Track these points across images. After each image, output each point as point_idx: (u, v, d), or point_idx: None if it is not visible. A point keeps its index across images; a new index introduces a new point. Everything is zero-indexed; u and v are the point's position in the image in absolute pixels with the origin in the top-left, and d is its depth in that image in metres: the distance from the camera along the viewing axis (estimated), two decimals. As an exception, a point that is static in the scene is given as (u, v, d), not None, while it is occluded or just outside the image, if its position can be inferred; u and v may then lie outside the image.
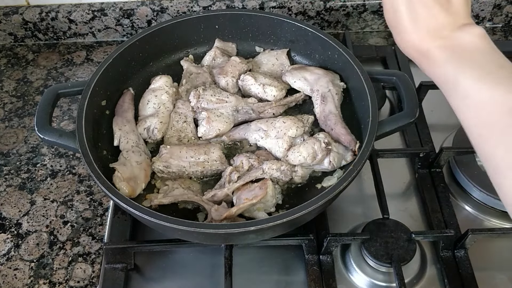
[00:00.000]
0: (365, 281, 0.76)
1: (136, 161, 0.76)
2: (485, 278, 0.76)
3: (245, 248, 0.79)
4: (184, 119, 0.84)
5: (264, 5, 1.11)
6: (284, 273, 0.78)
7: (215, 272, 0.77)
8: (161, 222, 0.63)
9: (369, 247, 0.74)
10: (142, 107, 0.85)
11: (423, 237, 0.77)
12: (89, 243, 0.83)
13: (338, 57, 0.85)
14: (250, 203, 0.69)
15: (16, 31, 1.15)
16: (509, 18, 1.16)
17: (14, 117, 1.03)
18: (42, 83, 1.09)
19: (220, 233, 0.63)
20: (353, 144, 0.75)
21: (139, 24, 1.14)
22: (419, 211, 0.85)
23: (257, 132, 0.80)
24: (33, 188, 0.90)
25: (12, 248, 0.82)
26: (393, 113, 0.99)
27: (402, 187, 0.89)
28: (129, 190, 0.71)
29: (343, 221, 0.83)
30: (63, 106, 1.04)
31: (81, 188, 0.90)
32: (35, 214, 0.87)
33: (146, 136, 0.82)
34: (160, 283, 0.77)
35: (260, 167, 0.75)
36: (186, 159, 0.76)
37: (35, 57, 1.15)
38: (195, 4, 1.11)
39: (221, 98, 0.84)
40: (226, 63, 0.90)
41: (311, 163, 0.75)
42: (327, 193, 0.66)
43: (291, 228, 0.73)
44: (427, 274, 0.77)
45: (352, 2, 1.11)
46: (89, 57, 1.14)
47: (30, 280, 0.78)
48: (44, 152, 0.96)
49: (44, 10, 1.12)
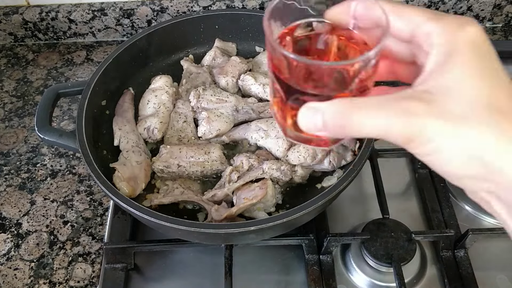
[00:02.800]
0: (365, 281, 0.76)
1: (136, 161, 0.76)
2: (485, 278, 0.76)
3: (245, 248, 0.79)
4: (184, 119, 0.84)
5: (264, 5, 1.11)
6: (284, 273, 0.78)
7: (215, 272, 0.77)
8: (161, 222, 0.63)
9: (369, 247, 0.74)
10: (142, 107, 0.85)
11: (423, 237, 0.77)
12: (89, 243, 0.83)
13: (338, 57, 0.85)
14: (250, 203, 0.69)
15: (16, 31, 1.15)
16: (509, 18, 1.16)
17: (14, 117, 1.03)
18: (42, 83, 1.09)
19: (220, 233, 0.63)
20: (353, 144, 0.75)
21: (139, 24, 1.14)
22: (419, 211, 0.85)
23: (257, 132, 0.80)
24: (33, 188, 0.90)
25: (12, 248, 0.82)
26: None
27: (402, 187, 0.89)
28: (129, 190, 0.71)
29: (343, 221, 0.83)
30: (63, 106, 1.04)
31: (81, 188, 0.90)
32: (35, 214, 0.87)
33: (146, 136, 0.82)
34: (160, 283, 0.77)
35: (260, 167, 0.75)
36: (186, 159, 0.76)
37: (35, 57, 1.15)
38: (195, 4, 1.11)
39: (221, 98, 0.84)
40: (226, 63, 0.90)
41: (311, 163, 0.75)
42: (327, 193, 0.66)
43: (291, 228, 0.73)
44: (427, 274, 0.77)
45: (352, 2, 1.11)
46: (89, 57, 1.14)
47: (30, 280, 0.78)
48: (44, 152, 0.96)
49: (44, 10, 1.12)
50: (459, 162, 0.34)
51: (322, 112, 0.36)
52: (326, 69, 0.38)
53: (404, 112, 0.33)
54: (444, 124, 0.33)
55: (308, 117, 0.37)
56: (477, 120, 0.33)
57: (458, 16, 0.36)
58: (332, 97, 0.36)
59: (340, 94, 0.37)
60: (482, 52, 0.34)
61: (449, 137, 0.33)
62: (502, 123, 0.33)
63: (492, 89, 0.34)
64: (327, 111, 0.35)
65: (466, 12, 1.13)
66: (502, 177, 0.33)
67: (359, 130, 0.35)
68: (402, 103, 0.34)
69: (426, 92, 0.34)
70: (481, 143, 0.33)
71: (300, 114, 0.37)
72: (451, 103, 0.33)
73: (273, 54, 0.39)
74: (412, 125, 0.33)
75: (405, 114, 0.33)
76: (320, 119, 0.36)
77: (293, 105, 0.40)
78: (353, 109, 0.35)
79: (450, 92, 0.34)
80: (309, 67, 0.37)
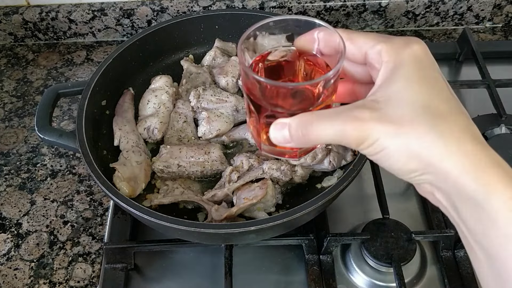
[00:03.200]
0: (365, 281, 0.76)
1: (136, 161, 0.76)
2: (485, 278, 0.76)
3: (245, 248, 0.79)
4: (184, 119, 0.84)
5: (264, 5, 1.11)
6: (284, 273, 0.78)
7: (215, 272, 0.77)
8: (161, 222, 0.63)
9: (369, 247, 0.74)
10: (142, 107, 0.85)
11: (423, 237, 0.77)
12: (89, 243, 0.83)
13: (338, 57, 0.85)
14: (250, 203, 0.69)
15: (16, 31, 1.15)
16: (509, 18, 1.16)
17: (14, 117, 1.03)
18: (42, 83, 1.09)
19: (220, 233, 0.63)
20: (353, 144, 0.75)
21: (139, 24, 1.14)
22: (419, 211, 0.85)
23: (257, 132, 0.80)
24: (33, 188, 0.90)
25: (12, 248, 0.82)
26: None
27: (402, 187, 0.89)
28: (129, 190, 0.71)
29: (343, 221, 0.83)
30: (63, 106, 1.04)
31: (81, 188, 0.90)
32: (35, 214, 0.87)
33: (146, 136, 0.82)
34: (160, 283, 0.77)
35: (260, 167, 0.75)
36: (186, 159, 0.76)
37: (35, 57, 1.15)
38: (195, 4, 1.11)
39: (221, 98, 0.84)
40: (226, 63, 0.90)
41: (311, 163, 0.75)
42: (327, 193, 0.66)
43: (291, 228, 0.73)
44: (427, 274, 0.77)
45: (352, 2, 1.11)
46: (89, 57, 1.14)
47: (30, 280, 0.78)
48: (44, 152, 0.96)
49: (44, 10, 1.12)
50: (402, 159, 0.38)
51: (289, 125, 0.41)
52: (293, 90, 0.43)
53: (355, 119, 0.38)
54: (387, 126, 0.38)
55: (277, 131, 0.42)
56: (415, 121, 0.37)
57: (406, 37, 0.41)
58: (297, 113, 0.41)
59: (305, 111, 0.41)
60: (423, 64, 0.40)
61: (392, 137, 0.38)
62: (437, 123, 0.37)
63: (430, 94, 0.39)
64: (292, 124, 0.40)
65: (466, 12, 1.13)
66: (438, 169, 0.37)
67: (318, 137, 0.40)
68: (354, 111, 0.39)
69: (373, 101, 0.39)
70: (419, 141, 0.37)
71: (271, 129, 0.42)
72: (394, 108, 0.38)
73: (246, 79, 0.43)
74: (361, 129, 0.38)
75: (355, 120, 0.38)
76: (287, 131, 0.41)
77: (266, 122, 0.44)
78: (313, 119, 0.40)
79: (393, 99, 0.39)
80: (278, 89, 0.42)
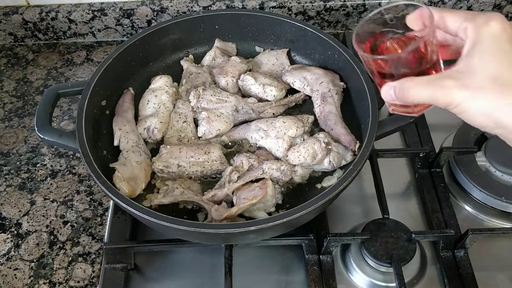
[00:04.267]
0: (365, 281, 0.76)
1: (136, 161, 0.76)
2: (485, 278, 0.76)
3: (245, 248, 0.79)
4: (184, 119, 0.84)
5: (264, 5, 1.11)
6: (284, 273, 0.78)
7: (215, 272, 0.77)
8: (161, 222, 0.63)
9: (369, 247, 0.74)
10: (142, 107, 0.85)
11: (423, 237, 0.77)
12: (89, 243, 0.83)
13: (338, 57, 0.85)
14: (250, 203, 0.69)
15: (16, 31, 1.15)
16: (509, 18, 1.16)
17: (14, 117, 1.03)
18: (42, 83, 1.09)
19: (220, 233, 0.63)
20: (353, 144, 0.75)
21: (139, 24, 1.14)
22: (419, 211, 0.85)
23: (257, 132, 0.80)
24: (33, 188, 0.90)
25: (12, 248, 0.82)
26: (393, 113, 0.99)
27: (402, 187, 0.89)
28: (129, 190, 0.71)
29: (343, 221, 0.83)
30: (63, 106, 1.04)
31: (81, 188, 0.90)
32: (35, 214, 0.87)
33: (146, 136, 0.82)
34: (160, 283, 0.77)
35: (260, 167, 0.75)
36: (186, 159, 0.76)
37: (35, 57, 1.15)
38: (195, 4, 1.11)
39: (221, 98, 0.84)
40: (226, 63, 0.90)
41: (311, 163, 0.75)
42: (327, 193, 0.66)
43: (291, 228, 0.73)
44: (427, 274, 0.77)
45: (352, 2, 1.11)
46: (89, 57, 1.14)
47: (30, 280, 0.78)
48: (44, 152, 0.96)
49: (44, 10, 1.12)
50: (479, 117, 0.49)
51: (394, 87, 0.53)
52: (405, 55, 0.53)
53: (441, 87, 0.49)
54: (465, 92, 0.48)
55: (386, 91, 0.54)
56: (486, 89, 0.48)
57: (487, 14, 0.51)
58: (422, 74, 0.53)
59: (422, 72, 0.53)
60: (499, 40, 0.49)
61: (468, 101, 0.48)
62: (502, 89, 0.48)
63: (501, 66, 0.48)
64: (397, 86, 0.52)
65: (466, 12, 1.13)
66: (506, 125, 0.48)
67: (414, 98, 0.52)
68: (441, 81, 0.50)
69: (457, 71, 0.50)
70: (490, 104, 0.48)
71: (382, 90, 0.55)
72: (470, 78, 0.49)
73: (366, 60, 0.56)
74: (446, 95, 0.49)
75: (442, 88, 0.49)
76: (393, 92, 0.53)
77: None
78: (412, 85, 0.51)
79: (471, 71, 0.49)
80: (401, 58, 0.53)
